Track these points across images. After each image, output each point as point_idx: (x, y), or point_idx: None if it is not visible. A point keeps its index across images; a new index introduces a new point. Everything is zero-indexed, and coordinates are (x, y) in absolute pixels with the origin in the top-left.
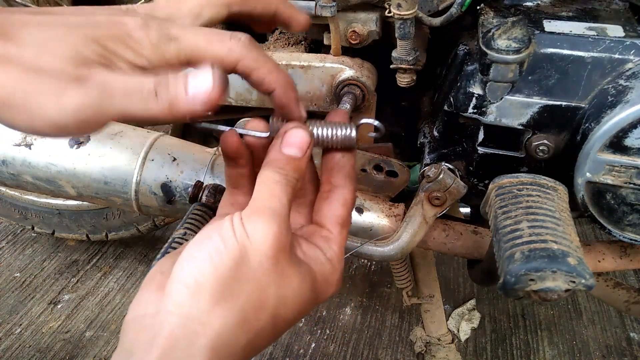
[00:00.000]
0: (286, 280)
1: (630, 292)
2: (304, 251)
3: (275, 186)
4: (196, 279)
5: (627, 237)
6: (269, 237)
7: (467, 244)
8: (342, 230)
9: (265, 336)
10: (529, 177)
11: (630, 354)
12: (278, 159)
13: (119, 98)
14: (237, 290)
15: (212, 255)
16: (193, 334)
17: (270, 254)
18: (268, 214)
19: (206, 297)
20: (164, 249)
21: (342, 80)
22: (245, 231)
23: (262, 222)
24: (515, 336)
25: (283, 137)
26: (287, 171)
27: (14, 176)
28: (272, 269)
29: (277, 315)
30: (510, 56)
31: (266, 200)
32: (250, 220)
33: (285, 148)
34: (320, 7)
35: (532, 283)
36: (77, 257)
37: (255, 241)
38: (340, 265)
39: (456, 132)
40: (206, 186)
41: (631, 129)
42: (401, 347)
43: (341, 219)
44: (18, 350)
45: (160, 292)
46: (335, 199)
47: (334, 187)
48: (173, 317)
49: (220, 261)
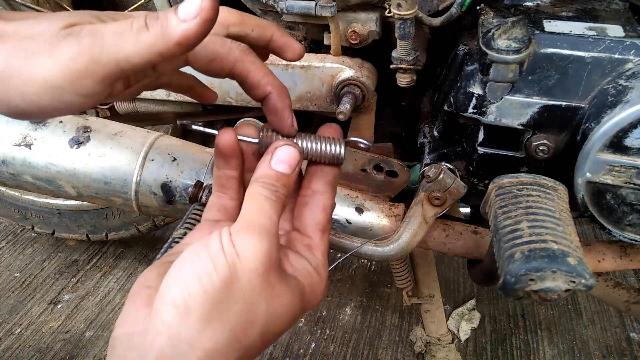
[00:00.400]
0: (276, 297)
1: (630, 292)
2: (291, 263)
3: (264, 203)
4: (185, 300)
5: (627, 237)
6: (259, 255)
7: (467, 244)
8: (323, 235)
9: (254, 352)
10: (529, 177)
11: (630, 354)
12: (268, 175)
13: (111, 40)
14: (226, 311)
15: (200, 275)
16: (182, 355)
17: (260, 271)
18: (258, 231)
19: (195, 319)
20: (164, 249)
21: (342, 80)
22: (235, 249)
23: (252, 239)
24: (515, 336)
25: (273, 153)
26: (277, 187)
27: (14, 176)
28: (262, 286)
29: (266, 331)
30: (510, 56)
31: (256, 216)
32: (240, 237)
33: (275, 164)
34: (320, 7)
35: (532, 283)
36: (77, 257)
37: (245, 259)
38: (325, 273)
39: (456, 132)
40: (206, 186)
41: (631, 129)
42: (401, 347)
43: (321, 225)
44: (18, 350)
45: (148, 309)
46: (315, 204)
47: (314, 192)
48: (162, 338)
49: (209, 282)
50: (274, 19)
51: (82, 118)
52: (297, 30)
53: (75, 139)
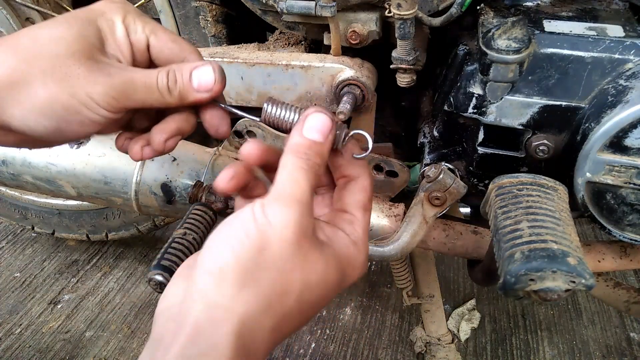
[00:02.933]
0: (310, 264)
1: (630, 292)
2: (327, 234)
3: (296, 172)
4: (219, 266)
5: (627, 237)
6: (290, 223)
7: (467, 244)
8: (365, 214)
9: (292, 321)
10: (529, 177)
11: (630, 354)
12: (300, 144)
13: (141, 92)
14: (259, 277)
15: (233, 243)
16: (217, 320)
17: (292, 239)
18: (289, 199)
19: (229, 284)
20: (164, 248)
21: (342, 80)
22: (267, 218)
23: (282, 208)
24: (515, 336)
25: (304, 121)
26: (309, 156)
27: (14, 176)
28: (294, 254)
29: (302, 299)
30: (510, 56)
31: (287, 186)
32: (271, 207)
33: (307, 132)
34: (320, 7)
35: (532, 283)
36: (77, 257)
37: (276, 228)
38: (365, 247)
39: (456, 132)
40: (206, 186)
41: (631, 129)
42: (401, 347)
43: (363, 203)
44: (18, 350)
45: (186, 283)
46: (355, 186)
47: (352, 177)
48: (198, 305)
49: (241, 249)
50: (274, 19)
51: None
52: (297, 30)
53: None
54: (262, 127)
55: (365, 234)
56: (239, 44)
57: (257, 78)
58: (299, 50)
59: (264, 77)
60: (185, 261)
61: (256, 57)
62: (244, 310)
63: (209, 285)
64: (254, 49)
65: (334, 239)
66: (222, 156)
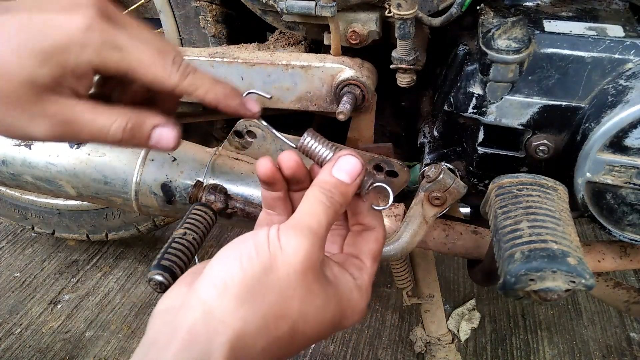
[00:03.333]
0: (311, 296)
1: (630, 292)
2: (334, 273)
3: (317, 206)
4: (224, 279)
5: (627, 237)
6: (301, 252)
7: (467, 244)
8: (374, 264)
9: (282, 346)
10: (529, 177)
11: (630, 354)
12: (327, 181)
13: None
14: (261, 296)
15: (242, 259)
16: (214, 331)
17: (299, 268)
18: (305, 230)
19: (231, 298)
20: (164, 248)
21: (342, 80)
22: (279, 242)
23: (296, 236)
24: (515, 336)
25: (336, 161)
26: (333, 194)
27: (14, 176)
28: (298, 282)
29: (296, 328)
30: (510, 56)
31: (306, 217)
32: (286, 233)
33: (336, 172)
34: (320, 7)
35: (532, 283)
36: (77, 257)
37: (287, 253)
38: (368, 295)
39: (456, 132)
40: (206, 186)
41: (631, 129)
42: (401, 347)
43: (375, 253)
44: (18, 350)
45: (189, 288)
46: (371, 236)
47: (368, 226)
48: (196, 313)
49: (249, 266)
50: (274, 19)
51: None
52: (297, 30)
53: None
54: (262, 127)
55: (371, 281)
56: (239, 44)
57: (257, 78)
58: (299, 50)
59: (264, 77)
60: (192, 268)
61: (256, 57)
62: (241, 325)
63: (211, 296)
64: (254, 49)
65: (341, 279)
66: (222, 156)
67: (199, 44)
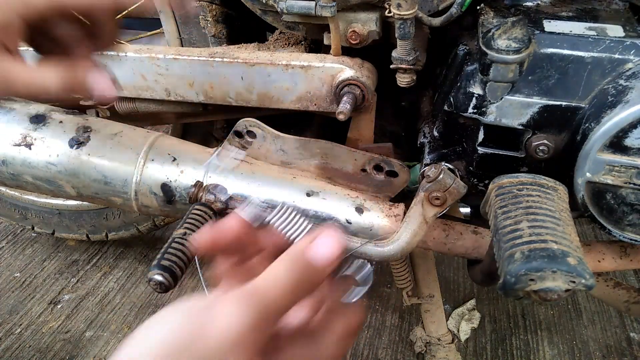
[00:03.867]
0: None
1: (630, 292)
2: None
3: (283, 277)
4: (149, 345)
5: (627, 237)
6: (240, 322)
7: (467, 244)
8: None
9: None
10: (529, 177)
11: (630, 354)
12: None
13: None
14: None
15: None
16: None
17: (233, 339)
18: (255, 299)
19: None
20: (164, 249)
21: (342, 80)
22: (221, 309)
23: (241, 304)
24: (515, 336)
25: (317, 235)
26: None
27: (14, 176)
28: (229, 355)
29: None
30: (510, 56)
31: (262, 286)
32: (232, 298)
33: (311, 251)
34: (320, 7)
35: (532, 283)
36: (77, 257)
37: (223, 321)
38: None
39: (456, 132)
40: (206, 186)
41: (631, 129)
42: (401, 347)
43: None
44: (18, 350)
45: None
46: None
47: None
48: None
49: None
50: (274, 19)
51: (83, 118)
52: (297, 30)
53: (75, 138)
54: (262, 127)
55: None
56: (239, 44)
57: (257, 78)
58: (299, 50)
59: (264, 77)
60: None
61: (256, 57)
62: None
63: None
64: (254, 49)
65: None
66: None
67: (199, 44)
